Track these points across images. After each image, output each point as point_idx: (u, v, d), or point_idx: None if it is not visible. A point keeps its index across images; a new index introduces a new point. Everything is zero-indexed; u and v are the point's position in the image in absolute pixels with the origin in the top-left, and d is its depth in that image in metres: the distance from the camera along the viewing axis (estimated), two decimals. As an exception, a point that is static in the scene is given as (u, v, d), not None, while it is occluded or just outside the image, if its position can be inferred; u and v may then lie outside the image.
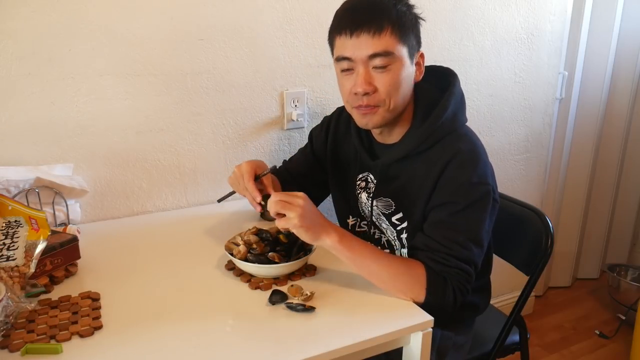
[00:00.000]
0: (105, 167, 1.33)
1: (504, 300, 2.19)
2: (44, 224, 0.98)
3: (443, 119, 1.04)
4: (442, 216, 1.01)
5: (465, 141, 1.05)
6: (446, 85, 1.08)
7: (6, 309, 0.83)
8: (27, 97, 1.20)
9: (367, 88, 1.00)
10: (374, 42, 0.97)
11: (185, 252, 1.16)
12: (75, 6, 1.19)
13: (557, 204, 2.37)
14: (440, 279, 0.97)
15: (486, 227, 1.02)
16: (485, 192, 1.01)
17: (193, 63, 1.36)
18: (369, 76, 1.00)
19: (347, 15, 1.01)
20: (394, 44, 0.98)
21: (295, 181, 1.30)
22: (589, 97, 2.31)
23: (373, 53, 0.97)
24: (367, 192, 1.17)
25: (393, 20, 0.97)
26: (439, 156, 1.03)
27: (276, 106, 1.51)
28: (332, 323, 0.89)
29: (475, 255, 1.00)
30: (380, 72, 0.99)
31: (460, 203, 0.99)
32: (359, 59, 0.99)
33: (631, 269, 2.42)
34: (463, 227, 0.99)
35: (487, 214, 1.02)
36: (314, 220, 0.95)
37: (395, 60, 0.99)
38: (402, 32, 0.98)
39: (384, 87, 1.00)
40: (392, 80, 1.00)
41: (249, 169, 1.10)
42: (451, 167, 1.01)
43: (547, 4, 1.93)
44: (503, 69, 1.91)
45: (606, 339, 2.17)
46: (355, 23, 0.98)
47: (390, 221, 1.14)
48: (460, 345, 1.20)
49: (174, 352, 0.81)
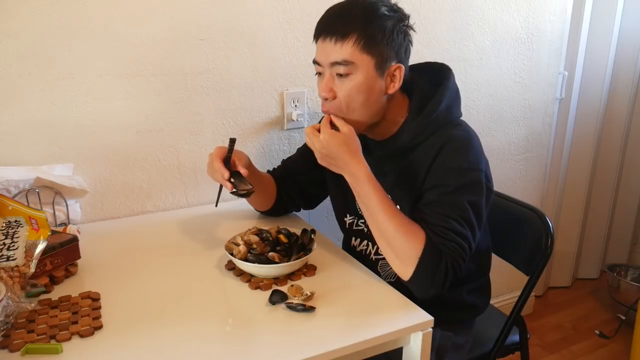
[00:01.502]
0: (105, 167, 1.33)
1: (504, 300, 2.19)
2: (44, 224, 0.98)
3: (437, 112, 1.04)
4: (433, 196, 1.01)
5: (459, 129, 1.06)
6: (440, 80, 1.09)
7: (6, 309, 0.83)
8: (27, 97, 1.20)
9: (326, 94, 1.03)
10: (335, 50, 0.99)
11: (185, 252, 1.16)
12: (75, 6, 1.19)
13: (557, 204, 2.37)
14: (436, 252, 0.95)
15: (478, 212, 1.01)
16: (476, 178, 1.01)
17: (193, 63, 1.36)
18: (331, 83, 1.02)
19: (321, 20, 1.04)
20: (355, 55, 0.98)
21: (293, 179, 1.30)
22: (589, 97, 2.31)
23: (334, 61, 1.00)
24: None
25: (360, 30, 0.97)
26: (432, 145, 1.04)
27: (276, 106, 1.51)
28: (332, 323, 0.89)
29: (469, 234, 0.98)
30: (341, 79, 1.01)
31: (450, 185, 1.00)
32: (324, 64, 1.02)
33: (631, 269, 2.42)
34: (454, 207, 0.99)
35: (478, 198, 1.01)
36: (334, 155, 1.00)
37: (357, 70, 0.99)
38: (367, 42, 0.98)
39: (342, 94, 1.02)
40: (351, 89, 1.01)
41: (217, 152, 1.13)
42: (444, 153, 1.02)
43: (547, 4, 1.93)
44: (503, 69, 1.91)
45: (606, 339, 2.17)
46: (323, 29, 1.01)
47: None
48: (460, 346, 1.20)
49: (174, 352, 0.81)
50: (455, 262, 0.96)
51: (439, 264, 0.95)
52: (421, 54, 1.65)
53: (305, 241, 1.10)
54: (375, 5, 1.00)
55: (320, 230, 1.21)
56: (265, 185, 1.27)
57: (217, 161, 1.11)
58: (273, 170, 1.34)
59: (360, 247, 1.23)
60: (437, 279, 0.95)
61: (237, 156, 1.15)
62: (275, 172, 1.33)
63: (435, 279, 0.95)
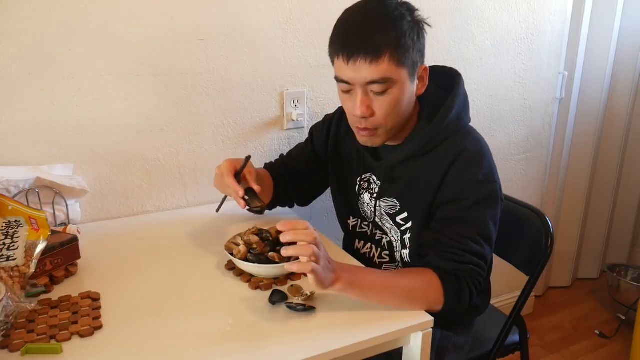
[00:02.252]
0: (105, 167, 1.33)
1: (504, 300, 2.19)
2: (44, 224, 0.98)
3: (449, 119, 1.03)
4: (451, 213, 1.01)
5: (470, 139, 1.05)
6: (451, 85, 1.08)
7: (6, 309, 0.83)
8: (27, 97, 1.20)
9: (365, 112, 0.98)
10: (371, 70, 0.93)
11: (185, 252, 1.16)
12: (75, 6, 1.19)
13: (557, 204, 2.37)
14: (454, 281, 0.96)
15: (496, 224, 1.03)
16: (492, 190, 1.02)
17: (193, 63, 1.36)
18: (367, 100, 0.98)
19: (343, 38, 0.96)
20: (392, 70, 0.94)
21: (293, 177, 1.29)
22: (589, 97, 2.31)
23: (370, 80, 0.95)
24: (369, 192, 1.17)
25: (392, 44, 0.93)
26: (444, 155, 1.03)
27: (276, 106, 1.51)
28: (332, 323, 0.89)
29: (487, 251, 1.00)
30: (378, 96, 0.97)
31: (469, 200, 0.99)
32: (357, 84, 0.97)
33: (631, 269, 2.42)
34: (473, 224, 0.99)
35: (495, 212, 1.02)
36: (324, 266, 0.86)
37: (394, 85, 0.96)
38: (401, 54, 0.94)
39: (382, 111, 0.98)
40: (390, 105, 0.98)
41: (228, 166, 1.09)
42: (457, 165, 1.01)
43: (547, 4, 1.93)
44: (503, 69, 1.91)
45: (606, 339, 2.17)
46: (351, 49, 0.94)
47: (394, 221, 1.13)
48: (460, 346, 1.20)
49: (174, 352, 0.81)
50: (475, 281, 0.99)
51: (461, 291, 0.96)
52: (421, 54, 1.65)
53: (305, 241, 1.10)
54: (398, 11, 0.95)
55: (320, 230, 1.21)
56: (264, 184, 1.26)
57: (230, 177, 1.08)
58: (271, 165, 1.33)
59: (364, 249, 1.23)
60: (462, 300, 0.97)
61: (247, 169, 1.12)
62: (273, 168, 1.32)
63: (461, 302, 0.97)
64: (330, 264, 0.88)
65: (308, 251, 0.83)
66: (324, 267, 0.86)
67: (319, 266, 0.84)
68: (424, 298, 0.94)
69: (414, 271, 1.01)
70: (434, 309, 0.94)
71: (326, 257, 0.88)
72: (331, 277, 0.87)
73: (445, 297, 0.95)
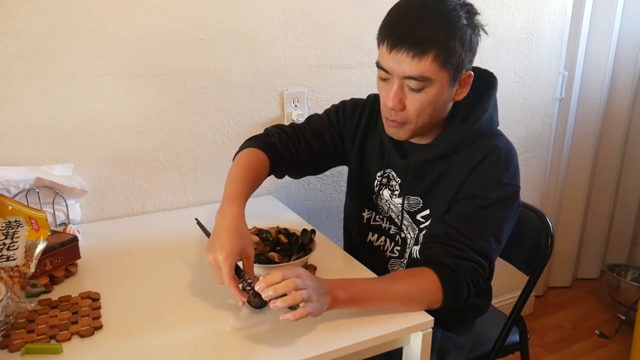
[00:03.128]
0: (105, 167, 1.33)
1: (504, 300, 2.19)
2: (44, 224, 0.98)
3: (481, 121, 1.03)
4: (467, 209, 1.00)
5: (502, 141, 1.04)
6: (485, 87, 1.06)
7: (6, 309, 0.83)
8: (27, 97, 1.20)
9: (396, 105, 0.96)
10: (412, 65, 0.91)
11: (185, 252, 1.16)
12: (75, 6, 1.19)
13: (557, 204, 2.37)
14: (452, 278, 0.95)
15: (508, 227, 1.02)
16: (513, 193, 1.02)
17: (193, 63, 1.36)
18: (401, 93, 0.95)
19: (392, 25, 0.93)
20: (433, 70, 0.91)
21: (307, 140, 1.20)
22: (589, 97, 2.31)
23: (409, 75, 0.92)
24: (390, 189, 1.15)
25: (440, 44, 0.89)
26: (474, 154, 1.02)
27: (276, 106, 1.50)
28: (332, 323, 0.89)
29: (493, 250, 0.99)
30: (413, 92, 0.95)
31: (489, 198, 0.99)
32: (395, 75, 0.94)
33: (631, 269, 2.42)
34: (488, 223, 0.99)
35: (511, 215, 1.02)
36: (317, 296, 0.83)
37: (431, 85, 0.93)
38: (447, 57, 0.91)
39: (414, 108, 0.96)
40: (423, 103, 0.96)
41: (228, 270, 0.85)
42: (485, 164, 1.00)
43: (547, 4, 1.93)
44: (503, 69, 1.91)
45: (606, 339, 2.17)
46: (397, 38, 0.91)
47: (414, 219, 1.12)
48: (461, 346, 1.20)
49: (174, 352, 0.81)
50: (474, 279, 0.98)
51: (458, 287, 0.96)
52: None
53: (305, 241, 1.10)
54: (455, 11, 0.91)
55: (320, 230, 1.21)
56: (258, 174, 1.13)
57: (233, 287, 0.85)
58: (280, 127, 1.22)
59: (378, 242, 1.21)
60: (460, 297, 0.96)
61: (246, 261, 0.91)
62: (285, 128, 1.21)
63: (458, 299, 0.96)
64: (321, 288, 0.84)
65: (299, 299, 0.80)
66: (317, 298, 0.82)
67: (313, 303, 0.81)
68: (423, 299, 0.94)
69: (411, 273, 0.99)
70: (432, 307, 0.94)
71: (316, 286, 0.84)
72: (326, 300, 0.84)
73: (444, 295, 0.94)
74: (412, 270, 1.01)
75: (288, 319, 0.80)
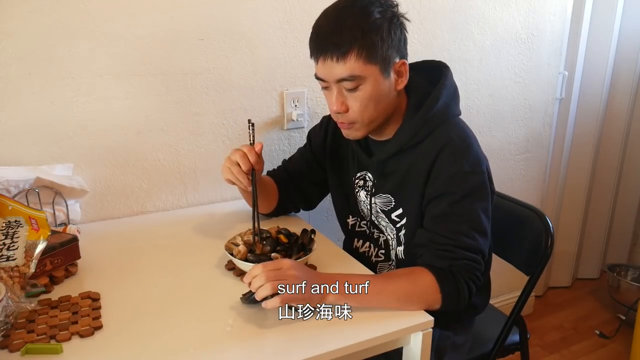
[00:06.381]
0: (105, 167, 1.33)
1: (504, 300, 2.19)
2: (44, 224, 0.98)
3: (435, 110, 1.04)
4: (441, 209, 1.01)
5: (455, 130, 1.05)
6: (438, 78, 1.08)
7: (6, 309, 0.83)
8: (26, 97, 1.20)
9: (339, 108, 1.01)
10: (340, 68, 0.96)
11: (185, 252, 1.16)
12: (75, 6, 1.19)
13: (557, 204, 2.37)
14: (449, 278, 0.96)
15: (488, 215, 1.02)
16: (480, 180, 1.02)
17: (193, 63, 1.36)
18: (341, 96, 1.00)
19: (314, 37, 1.00)
20: (360, 67, 0.96)
21: (294, 181, 1.30)
22: (589, 97, 2.31)
23: (339, 78, 0.97)
24: (365, 190, 1.17)
25: (359, 42, 0.94)
26: (431, 147, 1.03)
27: (276, 106, 1.51)
28: (332, 323, 0.89)
29: (481, 243, 1.00)
30: (351, 93, 0.99)
31: (457, 193, 0.99)
32: (330, 81, 1.00)
33: (631, 269, 2.42)
34: (464, 217, 0.99)
35: (486, 203, 1.02)
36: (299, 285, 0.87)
37: (364, 81, 0.98)
38: (369, 52, 0.95)
39: (356, 107, 1.01)
40: (363, 100, 1.00)
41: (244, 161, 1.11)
42: (443, 157, 1.01)
43: (547, 4, 1.92)
44: (503, 68, 1.91)
45: (606, 339, 2.17)
46: (320, 48, 0.98)
47: (390, 218, 1.14)
48: (459, 345, 1.20)
49: (174, 352, 0.81)
50: (472, 275, 0.98)
51: (457, 287, 0.96)
52: (421, 54, 1.65)
53: (305, 241, 1.10)
54: (366, 9, 0.95)
55: (320, 230, 1.21)
56: (268, 190, 1.27)
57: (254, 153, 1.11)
58: (274, 172, 1.34)
59: (363, 248, 1.23)
60: (461, 296, 0.96)
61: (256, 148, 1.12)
62: (276, 174, 1.32)
63: (460, 298, 0.96)
64: (310, 279, 0.88)
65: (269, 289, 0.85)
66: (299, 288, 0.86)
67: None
68: (421, 298, 0.94)
69: (408, 272, 0.99)
70: (433, 308, 0.94)
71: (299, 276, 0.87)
72: (315, 290, 0.88)
73: (442, 295, 0.94)
74: (409, 268, 1.01)
75: (265, 306, 0.86)
